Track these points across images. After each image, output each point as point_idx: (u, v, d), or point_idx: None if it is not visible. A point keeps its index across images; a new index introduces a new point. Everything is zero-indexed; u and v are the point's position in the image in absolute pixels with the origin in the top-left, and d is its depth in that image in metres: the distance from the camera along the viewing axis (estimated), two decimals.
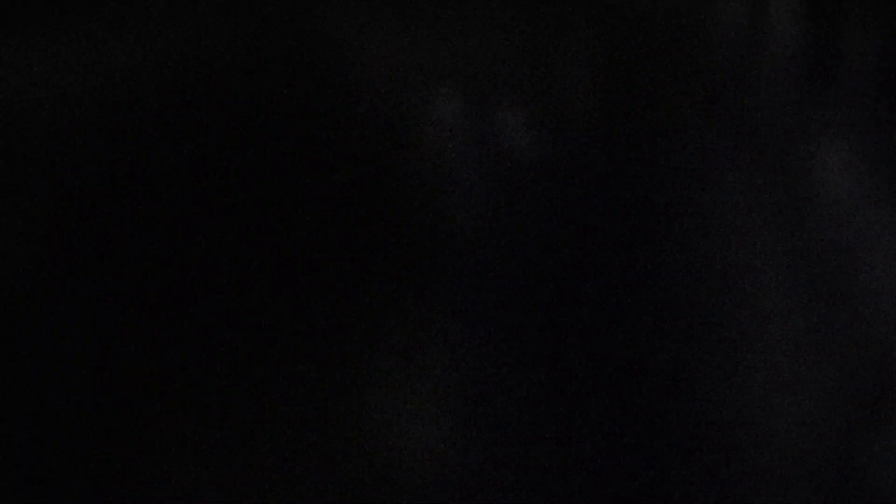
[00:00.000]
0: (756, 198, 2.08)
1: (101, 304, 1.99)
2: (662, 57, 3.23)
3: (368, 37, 4.02)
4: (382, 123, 3.10)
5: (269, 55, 3.43)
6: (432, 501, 1.35)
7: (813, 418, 1.45)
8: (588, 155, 3.04)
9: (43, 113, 2.48)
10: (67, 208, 2.29)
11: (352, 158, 2.85)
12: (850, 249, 1.73)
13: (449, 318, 1.94)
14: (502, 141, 3.03)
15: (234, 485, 1.36)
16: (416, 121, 3.21)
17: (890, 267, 1.61)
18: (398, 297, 1.94)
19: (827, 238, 1.84)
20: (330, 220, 2.52)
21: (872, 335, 1.54)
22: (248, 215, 2.51)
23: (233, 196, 2.64)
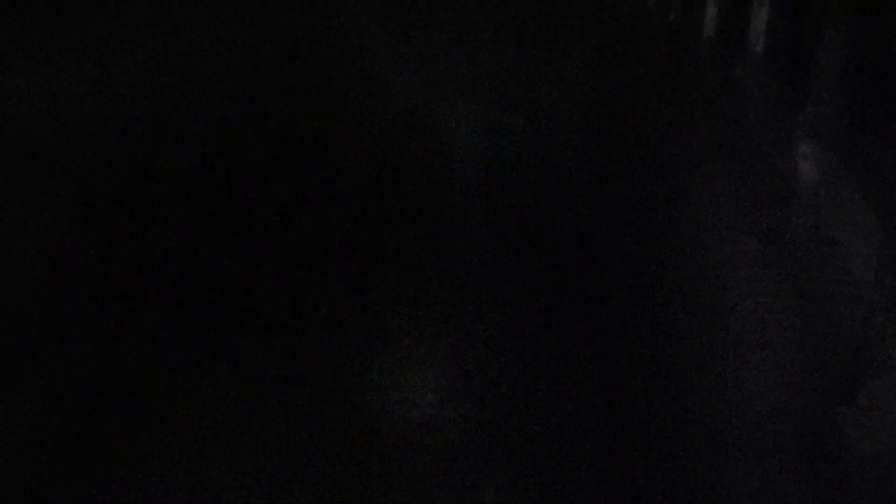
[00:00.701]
0: (737, 191, 2.16)
1: (126, 292, 2.06)
2: (651, 63, 3.31)
3: (379, 42, 4.10)
4: (391, 127, 3.18)
5: (285, 60, 3.50)
6: (434, 474, 1.43)
7: (794, 398, 1.54)
8: (582, 157, 3.16)
9: (52, 115, 2.55)
10: (90, 208, 2.36)
11: (362, 158, 2.94)
12: (826, 238, 1.81)
13: (452, 307, 2.01)
14: (502, 143, 3.12)
15: (247, 464, 1.44)
16: (421, 124, 3.28)
17: (862, 253, 1.68)
18: (405, 286, 2.02)
19: (805, 228, 1.91)
20: (337, 219, 2.59)
21: (848, 317, 1.61)
22: (263, 214, 2.60)
23: (247, 195, 2.73)
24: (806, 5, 2.43)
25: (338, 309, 2.03)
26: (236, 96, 3.40)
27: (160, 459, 1.30)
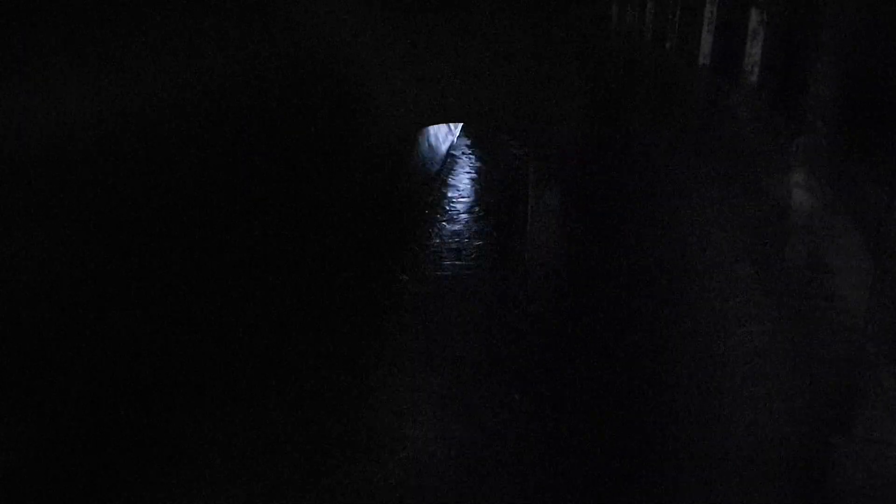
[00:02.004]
0: (731, 219, 2.17)
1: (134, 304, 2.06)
2: (647, 91, 3.33)
3: (382, 64, 4.09)
4: (388, 149, 3.16)
5: (293, 82, 3.49)
6: (428, 490, 1.44)
7: (787, 427, 1.55)
8: (576, 183, 3.15)
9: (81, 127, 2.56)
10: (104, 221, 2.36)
11: (358, 177, 2.91)
12: (820, 266, 1.82)
13: (445, 331, 2.01)
14: (497, 164, 3.11)
15: (243, 482, 1.44)
16: (415, 148, 3.26)
17: (854, 282, 1.69)
18: (398, 304, 2.02)
19: (798, 256, 1.92)
20: (333, 238, 2.57)
21: (841, 346, 1.62)
22: (255, 232, 2.58)
23: (243, 210, 2.71)
24: (800, 35, 2.45)
25: (334, 323, 2.01)
26: (239, 113, 3.40)
27: (163, 468, 1.31)
